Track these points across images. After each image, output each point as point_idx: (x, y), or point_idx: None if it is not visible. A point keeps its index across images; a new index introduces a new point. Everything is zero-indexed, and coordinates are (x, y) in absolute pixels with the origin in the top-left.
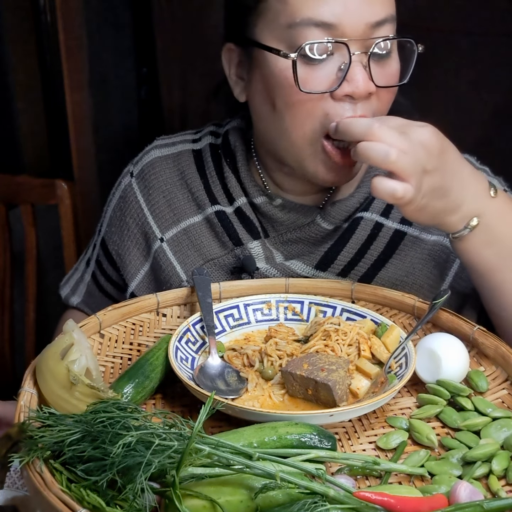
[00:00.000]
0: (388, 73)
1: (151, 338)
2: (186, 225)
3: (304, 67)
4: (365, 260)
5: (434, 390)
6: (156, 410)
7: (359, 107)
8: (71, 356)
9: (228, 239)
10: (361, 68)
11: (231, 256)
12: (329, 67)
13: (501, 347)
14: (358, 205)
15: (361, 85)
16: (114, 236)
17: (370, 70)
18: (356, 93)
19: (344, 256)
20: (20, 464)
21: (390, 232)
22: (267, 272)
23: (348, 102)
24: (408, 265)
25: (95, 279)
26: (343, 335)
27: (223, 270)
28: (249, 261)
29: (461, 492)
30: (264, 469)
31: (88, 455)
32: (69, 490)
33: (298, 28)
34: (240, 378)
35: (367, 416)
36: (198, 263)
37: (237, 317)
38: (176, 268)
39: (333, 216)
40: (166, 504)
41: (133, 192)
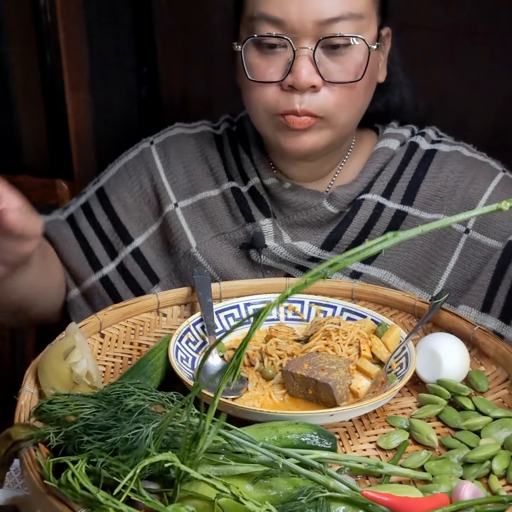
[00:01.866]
0: (342, 68)
1: (151, 338)
2: (202, 197)
3: (257, 56)
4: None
5: (434, 389)
6: (166, 394)
7: (306, 99)
8: (73, 358)
9: (240, 214)
10: (306, 62)
11: (242, 231)
12: (280, 58)
13: (501, 347)
14: (362, 189)
15: (302, 77)
16: (120, 188)
17: (317, 65)
18: (296, 84)
19: (348, 236)
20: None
21: (392, 212)
22: (275, 250)
23: (296, 93)
24: (409, 242)
25: (72, 221)
26: (343, 335)
27: (233, 244)
28: (259, 237)
29: (465, 492)
30: (268, 454)
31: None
32: (72, 477)
33: (255, 22)
34: (241, 378)
35: (367, 415)
36: (209, 234)
37: (238, 317)
38: (187, 234)
39: (339, 199)
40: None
41: (151, 156)
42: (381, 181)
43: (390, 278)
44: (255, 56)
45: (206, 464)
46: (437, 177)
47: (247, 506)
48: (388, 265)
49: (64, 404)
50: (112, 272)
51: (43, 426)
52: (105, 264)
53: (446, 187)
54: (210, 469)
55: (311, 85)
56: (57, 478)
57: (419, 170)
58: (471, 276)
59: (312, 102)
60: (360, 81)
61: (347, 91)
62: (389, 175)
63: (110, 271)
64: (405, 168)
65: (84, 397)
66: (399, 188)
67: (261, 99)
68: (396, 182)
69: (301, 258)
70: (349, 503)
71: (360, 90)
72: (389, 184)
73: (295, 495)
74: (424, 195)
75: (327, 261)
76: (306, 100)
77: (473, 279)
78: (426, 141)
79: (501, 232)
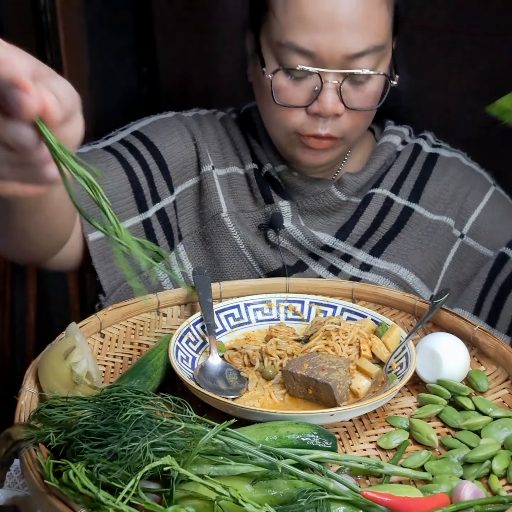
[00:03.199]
0: (361, 96)
1: (151, 338)
2: (232, 172)
3: (285, 80)
4: (378, 232)
5: (434, 389)
6: (167, 395)
7: (329, 124)
8: (73, 358)
9: (260, 196)
10: (332, 93)
11: (260, 213)
12: (306, 85)
13: (501, 347)
14: (368, 179)
15: (328, 108)
16: (161, 134)
17: (341, 95)
18: (322, 113)
19: (360, 227)
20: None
21: (400, 208)
22: (292, 232)
23: (320, 118)
24: (415, 239)
25: (115, 152)
26: (343, 335)
27: (251, 225)
28: (278, 217)
29: (465, 492)
30: (267, 457)
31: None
32: (74, 476)
33: (283, 48)
34: (241, 377)
35: (367, 415)
36: (234, 208)
37: (238, 316)
38: (220, 198)
39: (346, 185)
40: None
41: (189, 120)
42: (390, 177)
43: (399, 270)
44: (283, 81)
45: (206, 464)
46: (440, 180)
47: (247, 508)
48: (397, 259)
49: (63, 408)
50: (154, 217)
51: (43, 426)
52: (149, 206)
53: (448, 191)
54: (210, 469)
55: (336, 114)
56: (57, 478)
57: (424, 171)
58: (463, 279)
59: (334, 127)
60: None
61: (364, 115)
62: (397, 172)
63: (153, 214)
64: (411, 168)
65: (83, 400)
66: (406, 185)
67: (286, 122)
68: (403, 179)
69: (315, 245)
70: (349, 504)
71: (373, 112)
72: (397, 181)
73: (295, 496)
74: (428, 195)
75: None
76: (329, 126)
77: (465, 283)
78: (427, 145)
79: (493, 242)
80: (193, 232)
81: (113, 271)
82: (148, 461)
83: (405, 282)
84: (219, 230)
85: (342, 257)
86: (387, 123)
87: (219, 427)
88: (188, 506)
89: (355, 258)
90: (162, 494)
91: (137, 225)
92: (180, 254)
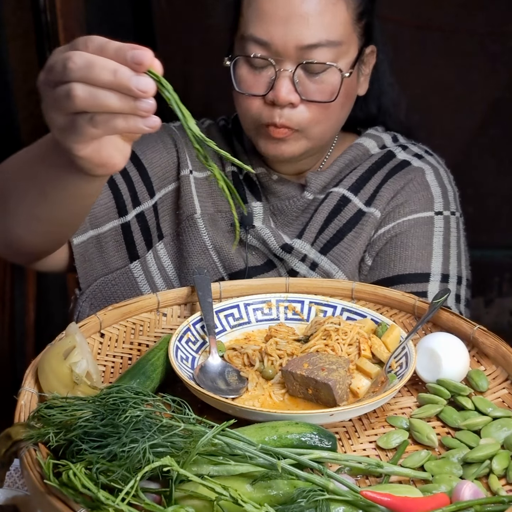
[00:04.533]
0: (318, 89)
1: (151, 338)
2: (209, 175)
3: (245, 70)
4: (328, 230)
5: (434, 389)
6: (167, 395)
7: (285, 114)
8: (73, 358)
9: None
10: (286, 81)
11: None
12: (264, 75)
13: (501, 347)
14: (331, 177)
15: (281, 95)
16: (143, 144)
17: (295, 84)
18: (276, 101)
19: (314, 223)
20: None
21: (355, 209)
22: (261, 231)
23: (277, 107)
24: (362, 242)
25: None
26: (343, 335)
27: (226, 224)
28: (248, 216)
29: (465, 492)
30: (267, 457)
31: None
32: (74, 476)
33: (245, 41)
34: (241, 377)
35: (367, 415)
36: (211, 209)
37: (238, 316)
38: (194, 200)
39: (311, 184)
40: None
41: (172, 129)
42: (351, 177)
43: (337, 273)
44: (243, 71)
45: (206, 464)
46: (395, 185)
47: (246, 508)
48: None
49: (63, 409)
50: (133, 220)
51: (42, 426)
52: (129, 210)
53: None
54: (210, 469)
55: (289, 102)
56: (57, 478)
57: (387, 176)
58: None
59: (290, 117)
60: (335, 100)
61: (322, 109)
62: (360, 173)
63: (132, 218)
64: (377, 172)
65: (82, 400)
66: (367, 188)
67: (247, 110)
68: (366, 182)
69: (279, 244)
70: (349, 504)
71: (336, 107)
72: (358, 182)
73: (295, 497)
74: (381, 199)
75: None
76: (285, 115)
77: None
78: (406, 153)
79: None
80: (172, 232)
81: (90, 269)
82: (148, 462)
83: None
84: (191, 230)
85: (302, 259)
86: (372, 128)
87: (218, 427)
88: (188, 506)
89: (308, 256)
90: (162, 494)
91: (116, 228)
92: (159, 252)
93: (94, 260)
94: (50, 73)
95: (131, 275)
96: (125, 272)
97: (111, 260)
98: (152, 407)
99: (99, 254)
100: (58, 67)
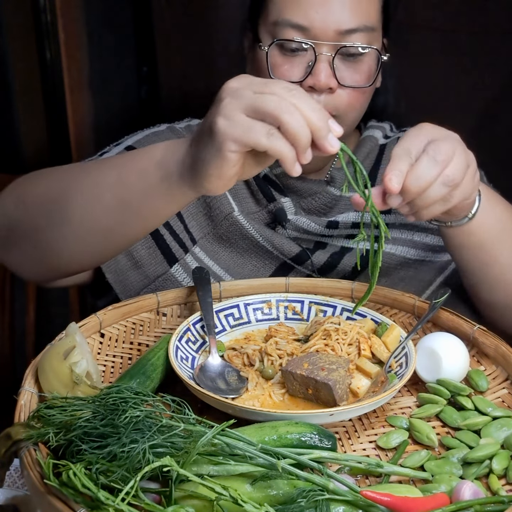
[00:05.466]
0: (355, 74)
1: (151, 338)
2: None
3: (280, 57)
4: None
5: (434, 389)
6: (166, 395)
7: (323, 99)
8: (73, 358)
9: (262, 196)
10: (325, 66)
11: (265, 212)
12: (301, 61)
13: (501, 347)
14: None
15: (321, 80)
16: None
17: (334, 69)
18: (316, 85)
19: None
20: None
21: None
22: (297, 221)
23: (314, 93)
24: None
25: None
26: (343, 335)
27: (259, 224)
28: (281, 212)
29: (465, 492)
30: (266, 457)
31: (97, 433)
32: (74, 475)
33: (279, 26)
34: (240, 377)
35: (367, 415)
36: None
37: (237, 316)
38: (229, 198)
39: (338, 180)
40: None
41: (181, 132)
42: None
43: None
44: (278, 57)
45: (206, 464)
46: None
47: (246, 508)
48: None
49: (62, 409)
50: (162, 226)
51: (42, 426)
52: None
53: None
54: (210, 469)
55: (329, 87)
56: (57, 478)
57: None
58: None
59: (327, 102)
60: (371, 85)
61: (357, 94)
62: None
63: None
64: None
65: (82, 400)
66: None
67: None
68: (376, 172)
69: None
70: (349, 504)
71: (367, 94)
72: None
73: (295, 496)
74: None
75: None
76: (322, 100)
77: None
78: None
79: None
80: (207, 234)
81: (128, 282)
82: (148, 462)
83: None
84: (235, 228)
85: (347, 236)
86: (370, 120)
87: (218, 427)
88: (188, 506)
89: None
90: (162, 494)
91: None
92: (198, 254)
93: (129, 272)
94: (259, 101)
95: (174, 279)
96: (167, 278)
97: (148, 269)
98: (152, 407)
99: (133, 266)
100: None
